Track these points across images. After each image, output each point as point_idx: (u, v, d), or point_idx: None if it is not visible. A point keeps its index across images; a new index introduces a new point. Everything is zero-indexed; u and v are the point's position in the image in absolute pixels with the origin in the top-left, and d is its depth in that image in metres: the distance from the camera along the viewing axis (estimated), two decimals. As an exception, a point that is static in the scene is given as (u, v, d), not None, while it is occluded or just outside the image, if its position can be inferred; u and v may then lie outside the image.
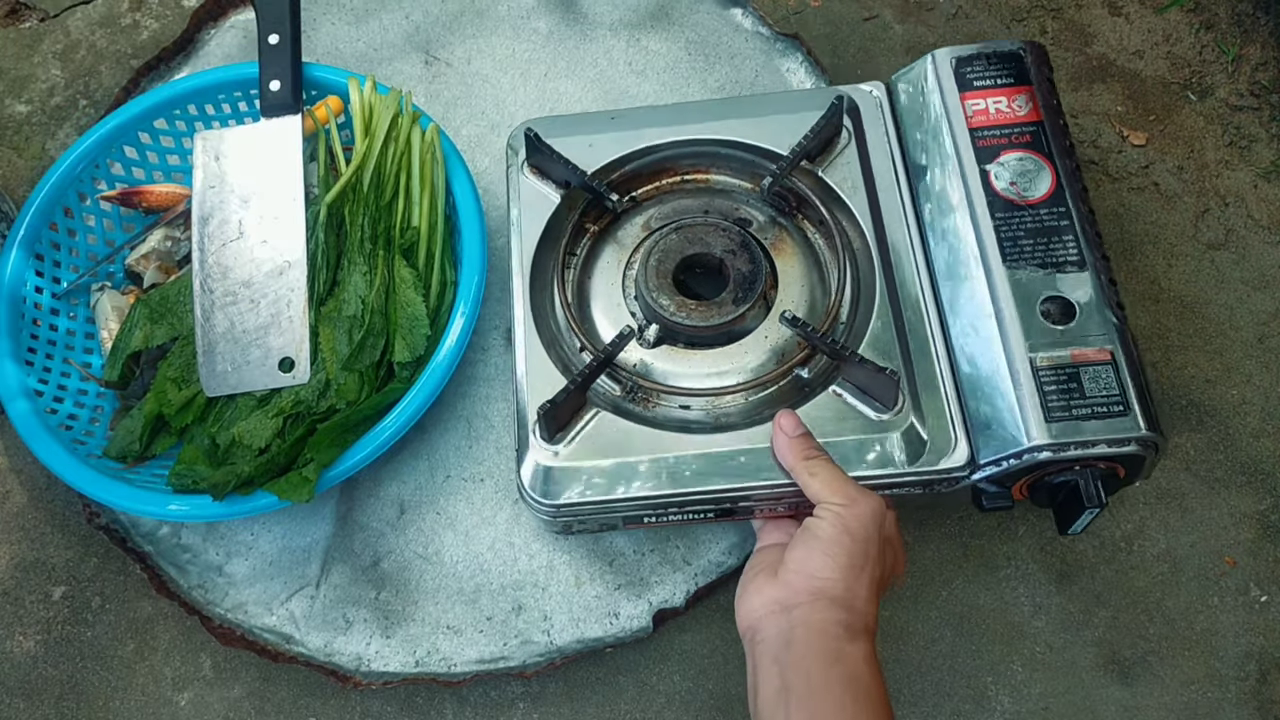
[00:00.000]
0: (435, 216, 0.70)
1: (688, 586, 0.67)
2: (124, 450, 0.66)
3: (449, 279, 0.69)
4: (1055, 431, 0.58)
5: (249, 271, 0.68)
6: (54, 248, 0.72)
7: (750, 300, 0.65)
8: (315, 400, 0.65)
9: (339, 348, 0.66)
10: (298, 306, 0.67)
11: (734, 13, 0.84)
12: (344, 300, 0.67)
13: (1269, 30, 0.84)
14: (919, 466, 0.60)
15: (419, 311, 0.67)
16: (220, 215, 0.69)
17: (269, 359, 0.66)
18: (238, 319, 0.67)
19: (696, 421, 0.64)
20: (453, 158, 0.71)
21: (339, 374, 0.65)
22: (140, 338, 0.67)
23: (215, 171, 0.71)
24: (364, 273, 0.67)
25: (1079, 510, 0.60)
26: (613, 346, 0.64)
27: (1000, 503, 0.61)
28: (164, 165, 0.76)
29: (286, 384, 0.66)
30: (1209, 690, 0.66)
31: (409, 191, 0.69)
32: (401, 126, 0.70)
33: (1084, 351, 0.60)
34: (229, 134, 0.72)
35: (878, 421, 0.61)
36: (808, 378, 0.65)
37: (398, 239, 0.69)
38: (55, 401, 0.68)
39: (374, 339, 0.66)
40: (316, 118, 0.72)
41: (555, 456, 0.61)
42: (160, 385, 0.66)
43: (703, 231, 0.67)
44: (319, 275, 0.68)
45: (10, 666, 0.68)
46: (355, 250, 0.68)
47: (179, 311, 0.68)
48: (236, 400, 0.66)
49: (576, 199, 0.70)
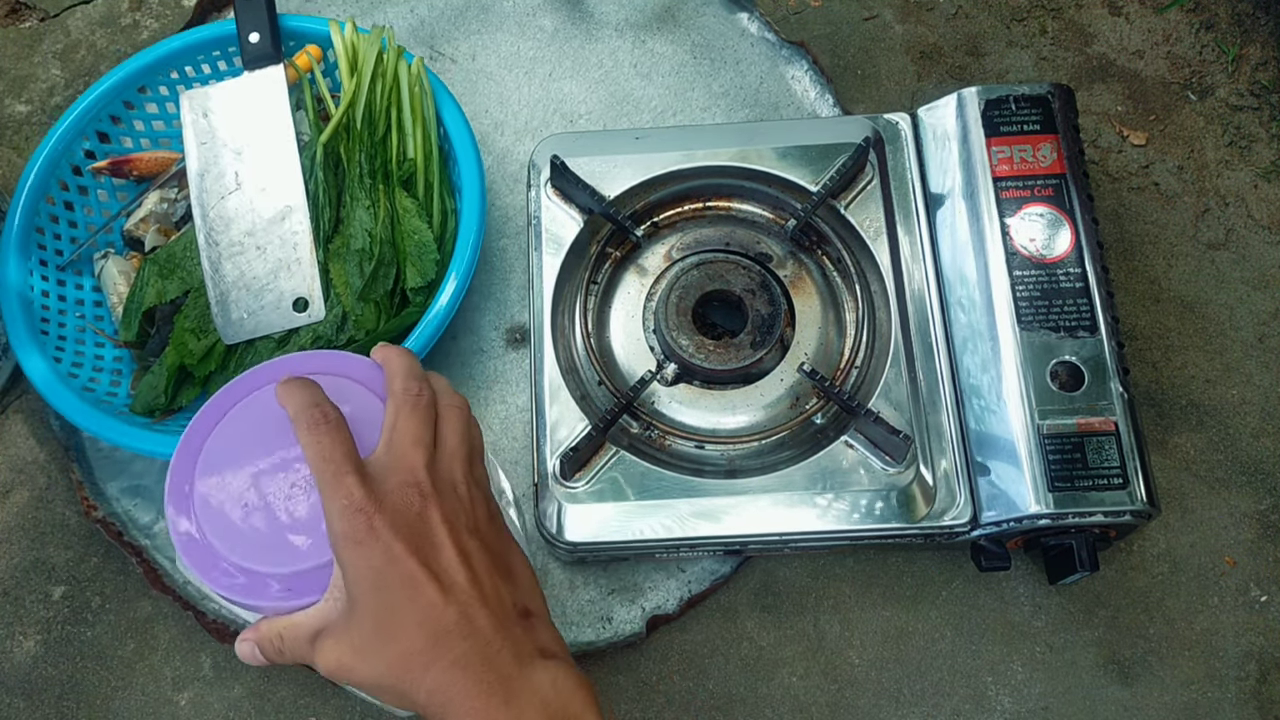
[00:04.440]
0: (430, 147, 0.71)
1: (681, 593, 0.67)
2: (150, 404, 0.67)
3: (449, 208, 0.70)
4: (1056, 501, 0.59)
5: (251, 220, 0.69)
6: (53, 221, 0.72)
7: (768, 345, 0.66)
8: (334, 334, 0.67)
9: (351, 280, 0.67)
10: (304, 248, 0.68)
11: (740, 17, 0.84)
12: (350, 235, 0.68)
13: (1269, 30, 0.84)
14: (923, 522, 0.61)
15: (426, 238, 0.68)
16: (215, 169, 0.70)
17: (282, 302, 0.68)
18: (246, 267, 0.68)
19: (711, 464, 0.65)
20: (441, 91, 0.72)
21: (355, 305, 0.67)
22: (153, 293, 0.68)
23: (205, 128, 0.71)
24: (367, 206, 0.68)
25: (1070, 569, 0.62)
26: (633, 391, 0.65)
27: (998, 564, 0.63)
28: (150, 132, 0.77)
29: (303, 323, 0.67)
30: (1209, 690, 0.66)
31: (401, 125, 0.70)
32: (387, 63, 0.71)
33: (1089, 421, 0.61)
34: (214, 90, 0.73)
35: (885, 474, 0.62)
36: (821, 424, 0.66)
37: (395, 172, 0.70)
38: (74, 368, 0.69)
39: (385, 268, 0.68)
40: (298, 66, 0.73)
41: (574, 497, 0.62)
42: (179, 337, 0.68)
43: (723, 269, 0.68)
44: (322, 214, 0.69)
45: (10, 666, 0.68)
46: (356, 186, 0.69)
47: (188, 266, 0.69)
48: (255, 344, 0.68)
49: (599, 226, 0.71)
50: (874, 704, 0.66)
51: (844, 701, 0.66)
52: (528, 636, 0.43)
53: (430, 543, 0.42)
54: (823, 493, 0.62)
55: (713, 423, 0.66)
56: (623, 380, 0.68)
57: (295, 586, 0.44)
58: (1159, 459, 0.71)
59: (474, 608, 0.41)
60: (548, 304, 0.68)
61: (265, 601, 0.44)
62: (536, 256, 0.69)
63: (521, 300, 0.74)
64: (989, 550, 0.63)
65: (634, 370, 0.68)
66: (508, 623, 0.42)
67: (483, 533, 0.45)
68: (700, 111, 0.80)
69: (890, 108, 0.79)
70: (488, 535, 0.45)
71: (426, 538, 0.42)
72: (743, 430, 0.66)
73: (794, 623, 0.68)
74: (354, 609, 0.42)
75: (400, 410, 0.45)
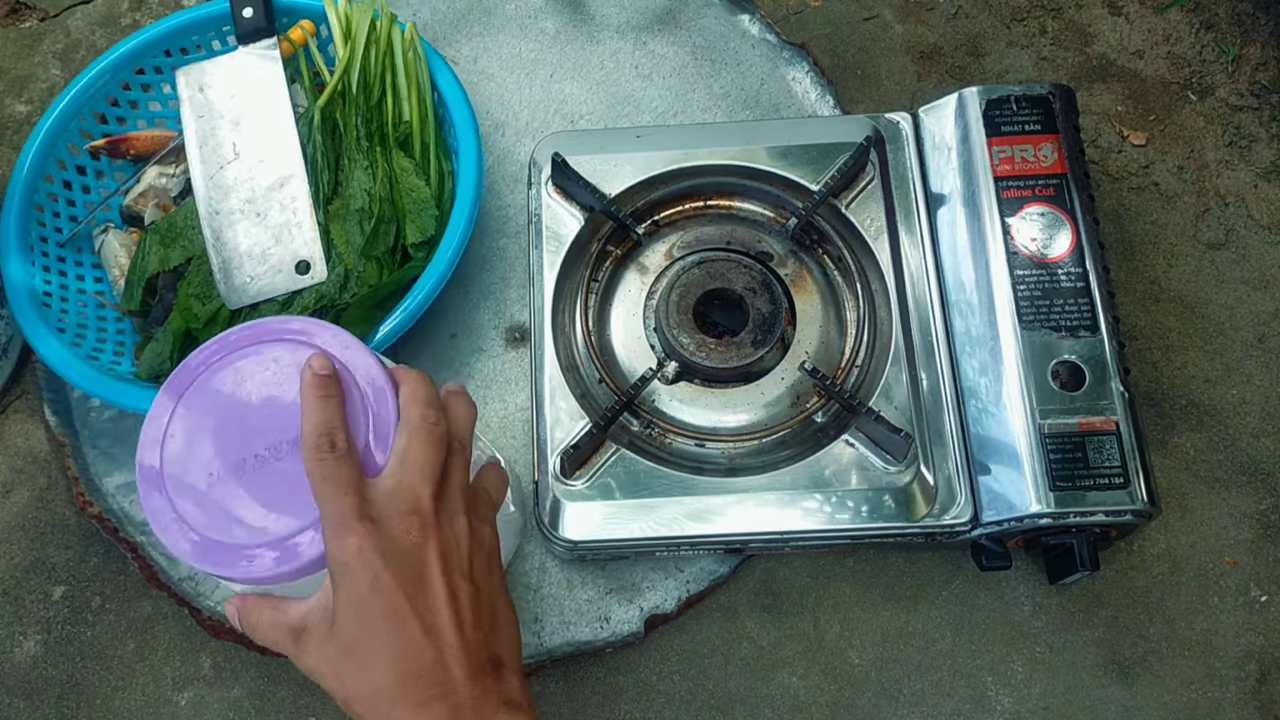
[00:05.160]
0: (425, 110, 0.72)
1: (680, 593, 0.67)
2: (155, 369, 0.68)
3: (446, 169, 0.72)
4: (1057, 500, 0.59)
5: (250, 188, 0.70)
6: (51, 199, 0.73)
7: (769, 344, 0.66)
8: (337, 293, 0.68)
9: (353, 239, 0.69)
10: (304, 212, 0.69)
11: (741, 18, 0.84)
12: (350, 196, 0.69)
13: (1269, 30, 0.84)
14: (923, 521, 0.61)
15: (424, 195, 0.69)
16: (213, 141, 0.72)
17: (285, 265, 0.69)
18: (246, 235, 0.69)
19: (711, 462, 0.65)
20: (434, 57, 0.73)
21: (357, 262, 0.68)
22: (156, 261, 0.70)
23: (201, 101, 0.73)
24: (365, 168, 0.70)
25: (1071, 569, 0.62)
26: (634, 389, 0.65)
27: (999, 563, 0.63)
28: (146, 113, 0.78)
29: (306, 284, 0.68)
30: (1209, 690, 0.66)
31: (396, 89, 0.72)
32: (381, 29, 0.72)
33: (1090, 421, 0.61)
34: (209, 65, 0.74)
35: (886, 473, 0.62)
36: (821, 422, 0.66)
37: (391, 134, 0.71)
38: (78, 338, 0.69)
39: (385, 225, 0.69)
40: (292, 40, 0.74)
41: (574, 494, 0.62)
42: (184, 303, 0.68)
43: (724, 267, 0.68)
44: (321, 177, 0.70)
45: (10, 666, 0.68)
46: (353, 149, 0.70)
47: (189, 234, 0.70)
48: (260, 308, 0.69)
49: (600, 224, 0.71)
50: (874, 704, 0.66)
51: (844, 701, 0.66)
52: (496, 688, 0.43)
53: (421, 578, 0.42)
54: (823, 491, 0.62)
55: (713, 421, 0.66)
56: (623, 378, 0.68)
57: (281, 555, 0.43)
58: (1159, 459, 0.71)
59: (451, 654, 0.41)
60: (548, 302, 0.68)
61: (233, 573, 0.43)
62: (537, 254, 0.69)
63: (521, 299, 0.74)
64: (989, 550, 0.63)
65: (634, 368, 0.68)
66: (480, 673, 0.42)
67: (476, 575, 0.44)
68: (701, 113, 0.80)
69: (890, 108, 0.79)
70: (480, 577, 0.45)
71: (418, 572, 0.42)
72: (743, 428, 0.66)
73: (794, 623, 0.68)
74: (336, 623, 0.42)
75: (414, 437, 0.44)
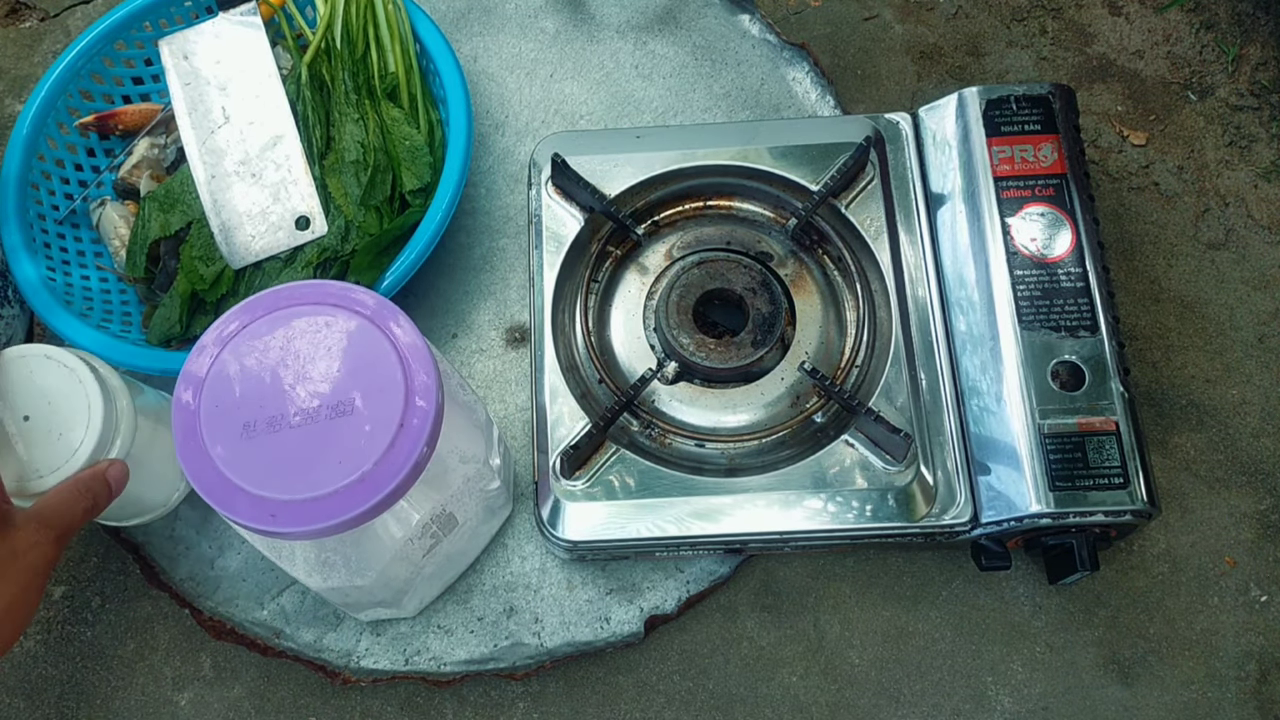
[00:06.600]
0: (409, 61, 0.74)
1: (680, 593, 0.67)
2: (166, 334, 0.69)
3: (435, 118, 0.73)
4: (1057, 500, 0.59)
5: (243, 151, 0.71)
6: (45, 178, 0.73)
7: (769, 344, 0.66)
8: (340, 244, 0.69)
9: (350, 190, 0.70)
10: (299, 169, 0.70)
11: (741, 19, 0.84)
12: (344, 149, 0.70)
13: (1269, 30, 0.84)
14: (923, 521, 0.61)
15: (418, 142, 0.71)
16: (202, 107, 0.72)
17: (285, 222, 0.70)
18: (244, 196, 0.70)
19: (711, 462, 0.65)
20: (413, 7, 0.75)
21: (357, 213, 0.69)
22: (157, 227, 0.70)
23: (187, 69, 0.73)
24: (356, 120, 0.71)
25: (1071, 569, 0.62)
26: (634, 389, 0.65)
27: (998, 563, 0.63)
28: (130, 89, 0.78)
29: (308, 239, 0.69)
30: (1209, 690, 0.66)
31: (380, 41, 0.73)
32: None
33: (1090, 421, 0.61)
34: (191, 33, 0.74)
35: (886, 474, 0.62)
36: (821, 423, 0.66)
37: (379, 85, 0.72)
38: (85, 310, 0.69)
39: (381, 175, 0.70)
40: (271, 2, 0.75)
41: (574, 495, 0.62)
42: (188, 265, 0.69)
43: (724, 267, 0.68)
44: (314, 133, 0.71)
45: (10, 666, 0.68)
46: (343, 103, 0.72)
47: (187, 199, 0.71)
48: (264, 266, 0.70)
49: (600, 224, 0.71)
50: (874, 704, 0.66)
51: (844, 701, 0.66)
52: None
53: None
54: (823, 491, 0.62)
55: (713, 421, 0.66)
56: (623, 378, 0.68)
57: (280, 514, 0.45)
58: (1159, 459, 0.71)
59: None
60: (548, 302, 0.68)
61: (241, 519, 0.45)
62: (537, 255, 0.69)
63: (521, 300, 0.74)
64: (989, 550, 0.63)
65: (634, 368, 0.68)
66: None
67: None
68: (701, 113, 0.80)
69: (890, 108, 0.79)
70: None
71: None
72: (743, 429, 0.66)
73: (794, 623, 0.68)
74: None
75: None
